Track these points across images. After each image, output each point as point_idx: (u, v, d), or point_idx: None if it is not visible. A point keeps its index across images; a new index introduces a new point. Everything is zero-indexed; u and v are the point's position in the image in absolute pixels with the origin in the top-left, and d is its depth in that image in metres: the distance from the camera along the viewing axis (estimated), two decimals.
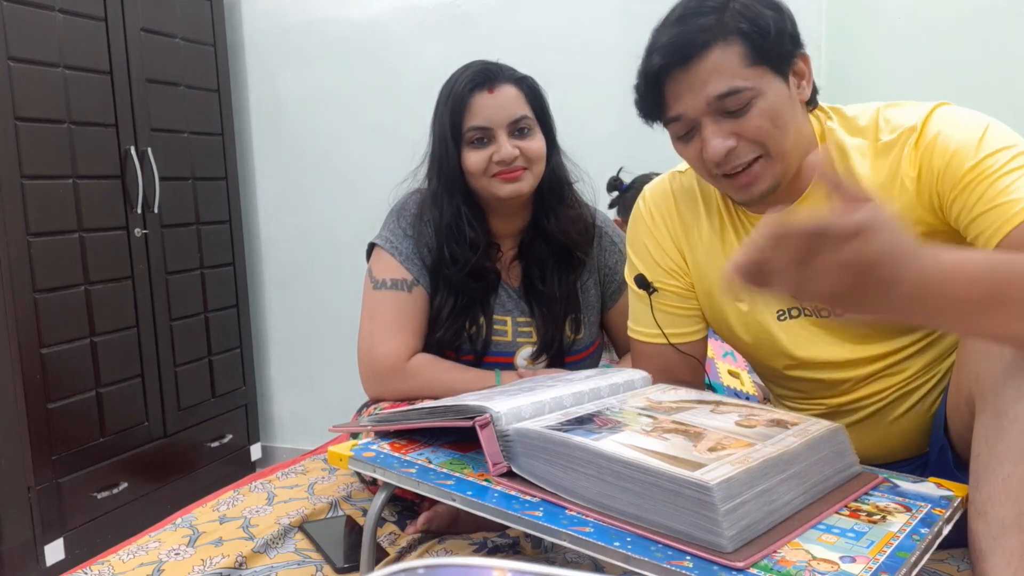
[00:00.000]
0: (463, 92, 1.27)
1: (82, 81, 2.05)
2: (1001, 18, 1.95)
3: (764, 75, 0.91)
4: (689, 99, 0.92)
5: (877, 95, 1.07)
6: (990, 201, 0.85)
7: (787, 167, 0.95)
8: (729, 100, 0.90)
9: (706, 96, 0.90)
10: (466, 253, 1.31)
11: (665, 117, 0.96)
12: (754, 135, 0.91)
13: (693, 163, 0.99)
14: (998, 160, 0.86)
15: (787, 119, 0.93)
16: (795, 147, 0.95)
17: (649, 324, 1.15)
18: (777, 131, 0.92)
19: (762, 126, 0.91)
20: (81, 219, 2.04)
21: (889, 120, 0.96)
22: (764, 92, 0.91)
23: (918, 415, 1.05)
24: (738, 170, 0.94)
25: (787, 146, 0.94)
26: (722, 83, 0.89)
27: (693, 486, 0.64)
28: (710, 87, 0.90)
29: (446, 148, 1.29)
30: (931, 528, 0.71)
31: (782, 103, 0.92)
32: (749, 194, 0.96)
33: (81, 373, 2.05)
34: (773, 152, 0.93)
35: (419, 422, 0.88)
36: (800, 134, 0.96)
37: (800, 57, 0.96)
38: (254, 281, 2.79)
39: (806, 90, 0.97)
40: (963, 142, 0.88)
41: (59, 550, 1.98)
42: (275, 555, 1.07)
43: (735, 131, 0.92)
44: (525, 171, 1.29)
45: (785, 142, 0.93)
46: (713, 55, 0.89)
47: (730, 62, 0.90)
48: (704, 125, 0.92)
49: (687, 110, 0.92)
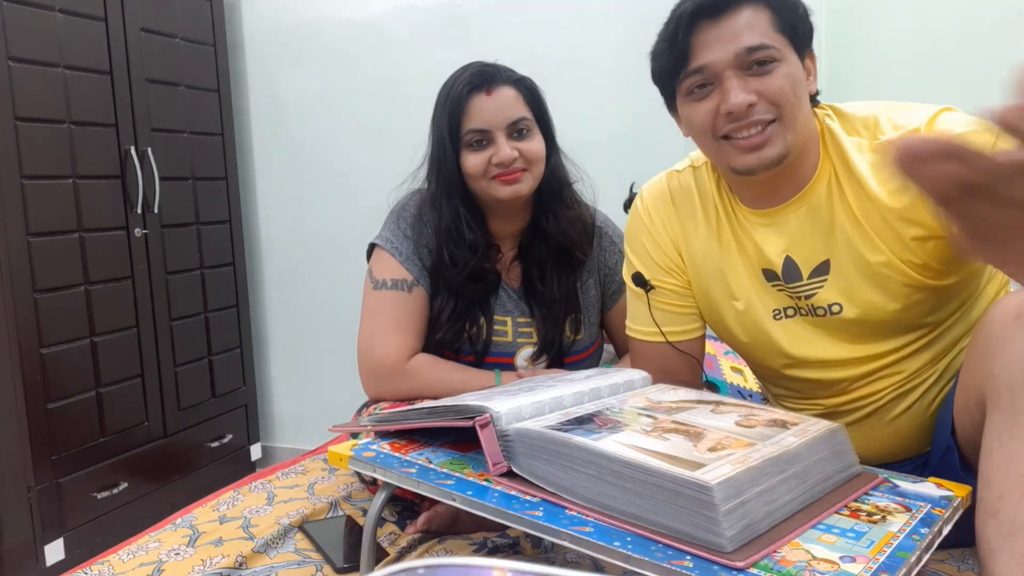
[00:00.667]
0: (461, 94, 1.27)
1: (82, 81, 2.05)
2: (1001, 18, 1.95)
3: (787, 46, 0.94)
4: (718, 49, 0.93)
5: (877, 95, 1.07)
6: None
7: (796, 141, 0.96)
8: (759, 54, 0.92)
9: (736, 47, 0.92)
10: (466, 255, 1.30)
11: (685, 69, 0.96)
12: (776, 95, 0.93)
13: (703, 123, 0.98)
14: None
15: (802, 93, 0.96)
16: (805, 127, 0.96)
17: (647, 322, 1.15)
18: (795, 99, 0.94)
19: (784, 87, 0.93)
20: (81, 219, 2.04)
21: (893, 120, 0.97)
22: (787, 59, 0.94)
23: (916, 415, 1.05)
24: (752, 133, 0.94)
25: (799, 119, 0.95)
26: (755, 37, 0.92)
27: (693, 486, 0.64)
28: (743, 39, 0.92)
29: (444, 151, 1.29)
30: (931, 528, 0.71)
31: (800, 76, 0.95)
32: (758, 157, 0.95)
33: (81, 373, 2.04)
34: (788, 119, 0.94)
35: (419, 422, 0.88)
36: (808, 119, 0.97)
37: (809, 54, 0.99)
38: (254, 281, 2.79)
39: (813, 84, 0.99)
40: None
41: (59, 550, 1.98)
42: (275, 555, 1.07)
43: (757, 89, 0.93)
44: (524, 172, 1.29)
45: (799, 113, 0.95)
46: (745, 12, 0.93)
47: (760, 21, 0.93)
48: (727, 78, 0.93)
49: (714, 60, 0.93)
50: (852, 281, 0.99)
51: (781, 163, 0.95)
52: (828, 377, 1.06)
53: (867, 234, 0.96)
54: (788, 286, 1.03)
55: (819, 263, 1.01)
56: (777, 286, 1.05)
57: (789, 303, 1.05)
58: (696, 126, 0.99)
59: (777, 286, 1.05)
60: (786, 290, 1.04)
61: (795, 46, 0.95)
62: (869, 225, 0.96)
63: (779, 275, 1.04)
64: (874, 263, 0.97)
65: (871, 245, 0.97)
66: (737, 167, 0.97)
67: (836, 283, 1.00)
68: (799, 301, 1.04)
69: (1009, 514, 0.71)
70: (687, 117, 1.00)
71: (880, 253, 0.96)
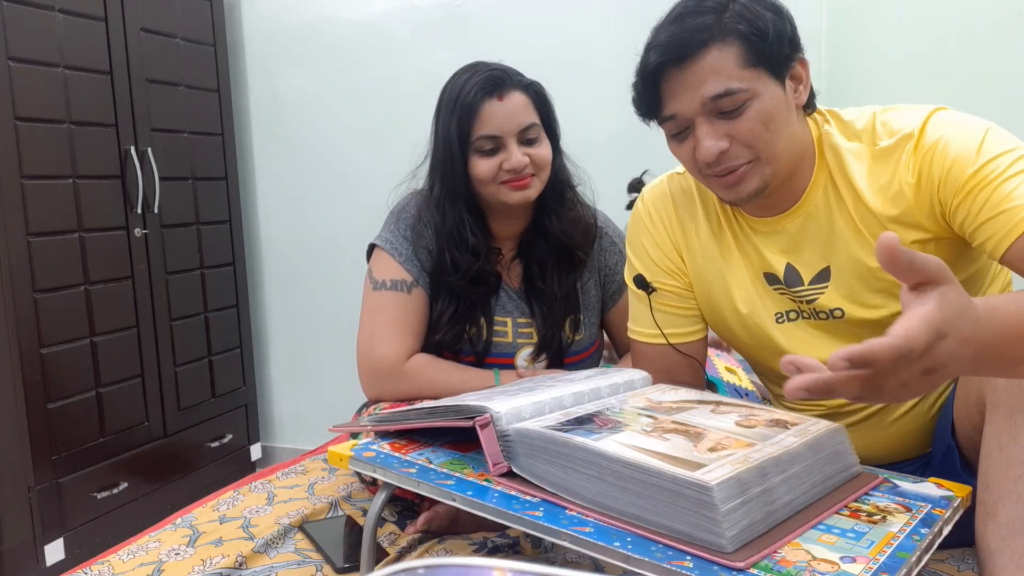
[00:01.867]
0: (472, 99, 1.25)
1: (82, 81, 2.05)
2: (1001, 18, 1.95)
3: (760, 78, 0.91)
4: (684, 98, 0.92)
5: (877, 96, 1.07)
6: (994, 207, 0.84)
7: (777, 170, 0.95)
8: (724, 101, 0.90)
9: (701, 96, 0.90)
10: (468, 260, 1.30)
11: (660, 115, 0.96)
12: (747, 138, 0.91)
13: (686, 162, 0.99)
14: (1000, 165, 0.85)
15: (780, 123, 0.93)
16: (788, 151, 0.95)
17: (648, 324, 1.15)
18: (769, 135, 0.92)
19: (755, 129, 0.91)
20: (81, 219, 2.04)
21: (886, 124, 0.96)
22: (759, 94, 0.91)
23: (918, 416, 1.05)
24: (727, 171, 0.94)
25: (779, 150, 0.93)
26: (718, 84, 0.89)
27: (693, 486, 0.64)
28: (705, 87, 0.90)
29: (452, 154, 1.28)
30: (931, 528, 0.71)
31: (776, 107, 0.92)
32: (736, 194, 0.96)
33: (81, 373, 2.04)
34: (764, 156, 0.93)
35: (419, 422, 0.88)
36: (794, 138, 0.96)
37: (798, 61, 0.95)
38: (254, 281, 2.79)
39: (803, 94, 0.97)
40: (963, 148, 0.88)
41: (59, 550, 1.98)
42: (275, 555, 1.07)
43: (728, 132, 0.92)
44: (533, 178, 1.29)
45: (777, 146, 0.93)
46: (710, 55, 0.89)
47: (727, 63, 0.89)
48: (698, 125, 0.92)
49: (682, 109, 0.93)
50: (853, 287, 0.99)
51: (761, 194, 0.96)
52: None
53: (865, 239, 0.96)
54: (790, 290, 1.03)
55: (820, 270, 1.01)
56: (779, 290, 1.05)
57: (792, 306, 1.05)
58: (682, 162, 1.01)
59: (779, 290, 1.05)
60: (788, 294, 1.04)
61: (771, 72, 0.92)
62: (867, 230, 0.96)
63: (780, 279, 1.04)
64: (874, 268, 0.96)
65: (870, 250, 0.96)
66: (722, 199, 1.01)
67: (837, 289, 1.00)
68: (801, 305, 1.04)
69: (1007, 516, 0.71)
70: (673, 153, 1.01)
71: None
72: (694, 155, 0.95)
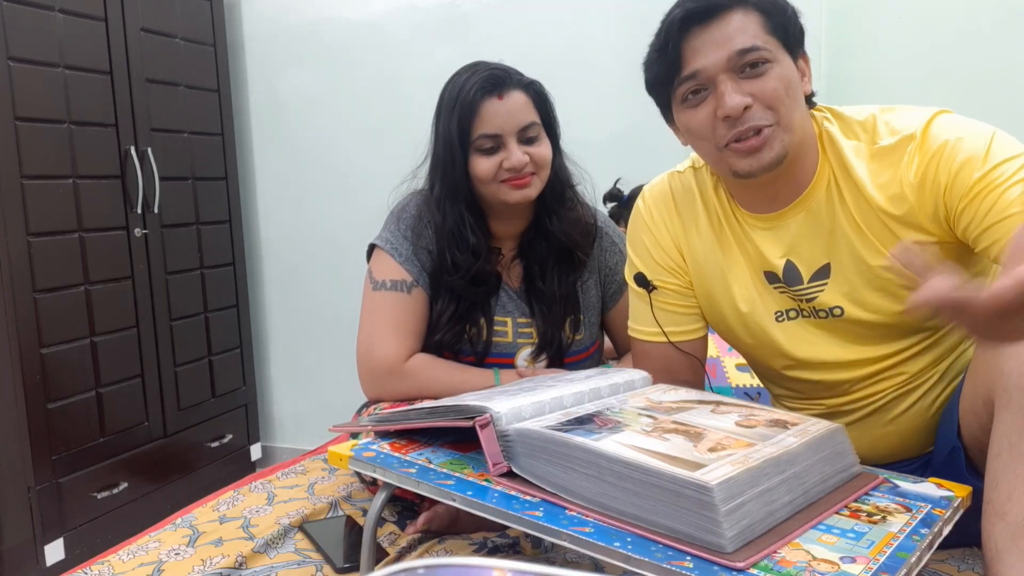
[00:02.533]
0: (472, 98, 1.25)
1: (82, 81, 2.05)
2: (1000, 19, 1.95)
3: (779, 48, 0.94)
4: (711, 53, 0.93)
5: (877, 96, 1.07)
6: (1001, 212, 0.84)
7: (793, 142, 0.95)
8: (751, 55, 0.92)
9: (729, 50, 0.92)
10: (468, 259, 1.30)
11: (679, 76, 0.96)
12: (770, 97, 0.93)
13: (701, 128, 0.97)
14: (1007, 170, 0.85)
15: (797, 93, 0.96)
16: (802, 127, 0.96)
17: (649, 323, 1.15)
18: (790, 100, 0.94)
19: (778, 89, 0.93)
20: (81, 219, 2.04)
21: (888, 123, 0.96)
22: (780, 60, 0.94)
23: (918, 415, 1.05)
24: (748, 136, 0.94)
25: (796, 120, 0.95)
26: (746, 39, 0.92)
27: (693, 486, 0.64)
28: (734, 42, 0.92)
29: (452, 154, 1.28)
30: (931, 528, 0.71)
31: (793, 78, 0.95)
32: (758, 161, 0.95)
33: (81, 373, 2.04)
34: (784, 121, 0.94)
35: (419, 422, 0.88)
36: (804, 120, 0.97)
37: (802, 55, 0.98)
38: (254, 281, 2.79)
39: (808, 84, 0.99)
40: (970, 153, 0.88)
41: (59, 550, 1.98)
42: (275, 555, 1.07)
43: (751, 92, 0.93)
44: (533, 177, 1.28)
45: (795, 115, 0.95)
46: (735, 16, 0.93)
47: (751, 24, 0.93)
48: (721, 82, 0.93)
49: (707, 65, 0.93)
50: (853, 284, 0.99)
51: (780, 164, 0.95)
52: (830, 379, 1.06)
53: (867, 238, 0.96)
54: (790, 288, 1.03)
55: (820, 267, 1.01)
56: (779, 288, 1.05)
57: (791, 305, 1.05)
58: (694, 132, 0.99)
59: (779, 288, 1.05)
60: (788, 292, 1.04)
61: (787, 47, 0.95)
62: (869, 229, 0.96)
63: (780, 278, 1.03)
64: (875, 267, 0.96)
65: (871, 249, 0.96)
66: (738, 171, 0.97)
67: (837, 286, 1.00)
68: (801, 303, 1.04)
69: (1017, 515, 0.70)
70: (685, 124, 1.00)
71: (881, 257, 0.96)
72: (713, 116, 0.95)
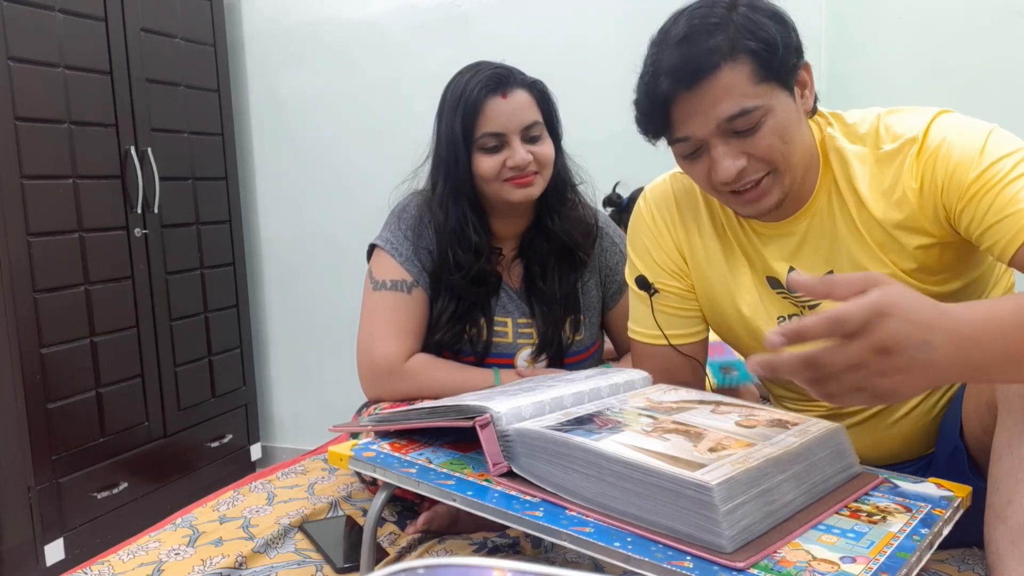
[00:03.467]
0: (476, 97, 1.26)
1: (82, 81, 2.05)
2: (1000, 19, 1.95)
3: (772, 91, 0.89)
4: (699, 121, 0.90)
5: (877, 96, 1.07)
6: (1000, 211, 0.84)
7: (794, 179, 0.94)
8: (739, 121, 0.88)
9: (716, 118, 0.88)
10: (470, 259, 1.30)
11: (671, 137, 0.94)
12: (765, 154, 0.90)
13: (699, 181, 0.97)
14: (1003, 167, 0.85)
15: (794, 133, 0.92)
16: (802, 157, 0.95)
17: (650, 325, 1.15)
18: (786, 147, 0.91)
19: (773, 144, 0.90)
20: (81, 219, 2.04)
21: (890, 127, 0.95)
22: (773, 109, 0.89)
23: (919, 417, 1.05)
24: (747, 187, 0.93)
25: (795, 161, 0.93)
26: (733, 104, 0.88)
27: (693, 486, 0.64)
28: (720, 109, 0.88)
29: (456, 153, 1.28)
30: (931, 528, 0.71)
31: (789, 118, 0.91)
32: (757, 209, 0.95)
33: (81, 373, 2.04)
34: (782, 168, 0.92)
35: (419, 422, 0.88)
36: (805, 144, 0.95)
37: (803, 67, 0.94)
38: (254, 281, 2.79)
39: (809, 99, 0.96)
40: (965, 152, 0.87)
41: (59, 550, 1.98)
42: (275, 555, 1.07)
43: (745, 151, 0.90)
44: (536, 176, 1.29)
45: (793, 157, 0.92)
46: (722, 76, 0.87)
47: (739, 82, 0.88)
48: (713, 146, 0.91)
49: (696, 132, 0.91)
50: None
51: (781, 205, 0.95)
52: None
53: (868, 245, 0.96)
54: (792, 294, 1.03)
55: (823, 275, 1.00)
56: (781, 293, 1.04)
57: (793, 310, 1.05)
58: (696, 181, 0.99)
59: (781, 293, 1.04)
60: (791, 298, 1.04)
61: (782, 84, 0.90)
62: (870, 236, 0.95)
63: (783, 284, 1.03)
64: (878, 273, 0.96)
65: (873, 257, 0.96)
66: (740, 214, 0.98)
67: None
68: (803, 309, 1.04)
69: (1018, 519, 0.71)
70: (685, 171, 0.99)
71: (882, 265, 0.95)
72: (709, 175, 0.93)
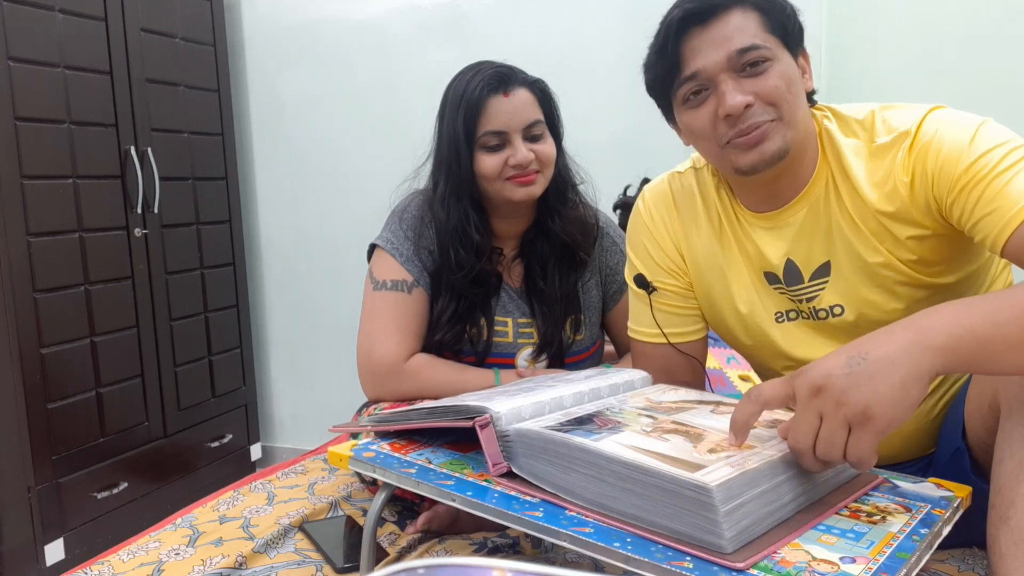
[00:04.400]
0: (478, 96, 1.26)
1: (82, 81, 2.05)
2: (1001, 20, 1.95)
3: (779, 47, 0.94)
4: (710, 53, 0.93)
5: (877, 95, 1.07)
6: (988, 204, 0.84)
7: (795, 137, 0.95)
8: (751, 54, 0.92)
9: (728, 50, 0.92)
10: (471, 258, 1.30)
11: (679, 78, 0.96)
12: (771, 95, 0.93)
13: (702, 128, 0.97)
14: (991, 160, 0.85)
15: (799, 91, 0.96)
16: (804, 123, 0.96)
17: (649, 324, 1.15)
18: (792, 96, 0.94)
19: (779, 87, 0.93)
20: (81, 219, 2.04)
21: (885, 121, 0.96)
22: (780, 58, 0.94)
23: (920, 418, 1.05)
24: (750, 131, 0.94)
25: (799, 115, 0.95)
26: (745, 38, 0.92)
27: (693, 487, 0.64)
28: (733, 42, 0.92)
29: (458, 152, 1.28)
30: (931, 528, 0.71)
31: (794, 75, 0.95)
32: (759, 155, 0.94)
33: (81, 373, 2.05)
34: (786, 116, 0.94)
35: (419, 422, 0.88)
36: (806, 117, 0.97)
37: (802, 53, 0.99)
38: (254, 281, 2.79)
39: (809, 82, 0.99)
40: (954, 145, 0.88)
41: (59, 550, 1.98)
42: (275, 555, 1.08)
43: (752, 90, 0.93)
44: (538, 174, 1.29)
45: (797, 110, 0.95)
46: (734, 15, 0.93)
47: (750, 24, 0.93)
48: (722, 81, 0.93)
49: (706, 65, 0.93)
50: (852, 282, 0.99)
51: (783, 158, 0.95)
52: None
53: (864, 235, 0.96)
54: (789, 289, 1.03)
55: (819, 265, 1.01)
56: (779, 289, 1.05)
57: (791, 306, 1.05)
58: (696, 132, 0.99)
59: (779, 289, 1.05)
60: (787, 293, 1.04)
61: (787, 45, 0.95)
62: (865, 226, 0.96)
63: (780, 278, 1.03)
64: (872, 264, 0.97)
65: (869, 246, 0.96)
66: (740, 166, 0.96)
67: (837, 285, 1.00)
68: (800, 304, 1.04)
69: (1020, 520, 0.71)
70: (686, 124, 1.00)
71: (878, 254, 0.96)
72: (714, 116, 0.95)
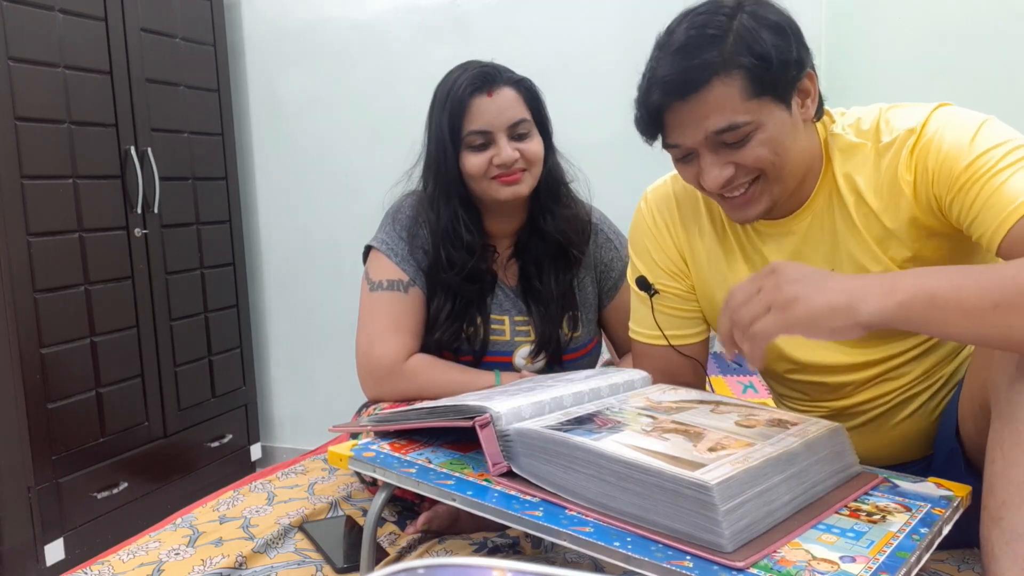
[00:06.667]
0: (462, 95, 1.27)
1: (82, 81, 2.05)
2: (1001, 20, 1.95)
3: (765, 106, 0.89)
4: (688, 131, 0.91)
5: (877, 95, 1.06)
6: (985, 201, 0.84)
7: (785, 188, 0.95)
8: (727, 135, 0.89)
9: (704, 130, 0.90)
10: (463, 257, 1.31)
11: (664, 141, 0.96)
12: (754, 164, 0.91)
13: (691, 183, 0.99)
14: (992, 158, 0.85)
15: (788, 145, 0.92)
16: (795, 168, 0.95)
17: (650, 326, 1.15)
18: (777, 158, 0.91)
19: (761, 155, 0.91)
20: (81, 219, 2.04)
21: (890, 121, 0.95)
22: (764, 124, 0.89)
23: (920, 419, 1.05)
24: (735, 194, 0.94)
25: (786, 171, 0.93)
26: (721, 119, 0.88)
27: (693, 486, 0.64)
28: (709, 122, 0.89)
29: (444, 151, 1.29)
30: (931, 528, 0.71)
31: (782, 131, 0.91)
32: (744, 215, 0.96)
33: (81, 373, 2.04)
34: (772, 176, 0.93)
35: (419, 422, 0.88)
36: (803, 152, 0.95)
37: (806, 76, 0.93)
38: (254, 281, 2.79)
39: (811, 108, 0.95)
40: (955, 143, 0.88)
41: (59, 550, 1.98)
42: (275, 555, 1.08)
43: (733, 160, 0.91)
44: (524, 173, 1.29)
45: (784, 168, 0.93)
46: (714, 91, 0.87)
47: (730, 97, 0.88)
48: (702, 155, 0.92)
49: (685, 140, 0.92)
50: None
51: (771, 210, 0.97)
52: (832, 381, 1.06)
53: (867, 243, 0.96)
54: None
55: None
56: None
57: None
58: (689, 183, 1.00)
59: None
60: None
61: (777, 97, 0.90)
62: (869, 234, 0.96)
63: None
64: (875, 271, 0.96)
65: (871, 255, 0.96)
66: (731, 218, 1.02)
67: None
68: None
69: (1012, 521, 0.71)
70: (678, 172, 1.01)
71: (880, 263, 0.96)
72: (699, 179, 0.95)
